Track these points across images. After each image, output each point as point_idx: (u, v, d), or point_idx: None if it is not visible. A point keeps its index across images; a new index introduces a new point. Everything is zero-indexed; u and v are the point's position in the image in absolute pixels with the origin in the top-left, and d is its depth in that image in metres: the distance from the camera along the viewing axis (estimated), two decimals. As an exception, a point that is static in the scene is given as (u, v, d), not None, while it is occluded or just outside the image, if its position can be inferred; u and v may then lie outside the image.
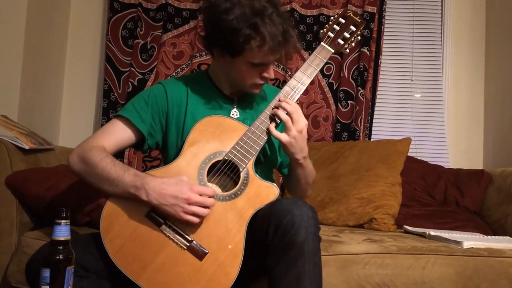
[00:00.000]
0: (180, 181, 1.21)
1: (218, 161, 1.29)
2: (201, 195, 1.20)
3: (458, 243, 1.61)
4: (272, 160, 1.48)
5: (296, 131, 1.31)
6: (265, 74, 1.36)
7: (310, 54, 2.59)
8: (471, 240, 1.63)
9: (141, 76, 2.64)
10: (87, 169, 1.27)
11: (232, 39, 1.27)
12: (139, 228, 1.21)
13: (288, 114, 1.31)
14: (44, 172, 1.85)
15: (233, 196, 1.25)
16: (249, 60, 1.32)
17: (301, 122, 1.31)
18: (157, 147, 1.46)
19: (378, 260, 1.54)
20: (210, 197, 1.21)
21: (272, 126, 1.32)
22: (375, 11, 2.66)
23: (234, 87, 1.44)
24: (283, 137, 1.31)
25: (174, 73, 2.66)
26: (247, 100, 1.48)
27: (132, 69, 2.64)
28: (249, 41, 1.27)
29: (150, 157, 2.58)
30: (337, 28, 1.42)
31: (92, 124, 2.75)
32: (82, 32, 2.78)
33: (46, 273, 1.01)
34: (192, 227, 1.21)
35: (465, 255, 1.56)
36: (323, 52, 1.39)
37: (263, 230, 1.18)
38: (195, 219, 1.19)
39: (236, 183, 1.28)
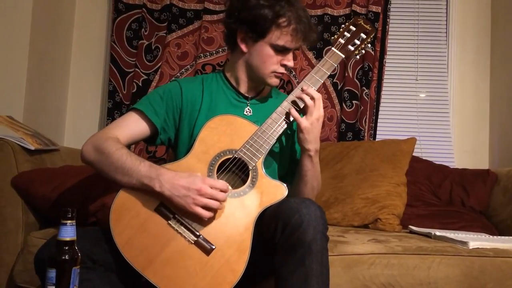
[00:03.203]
0: (193, 174, 1.23)
1: (228, 159, 1.30)
2: (213, 188, 1.21)
3: (464, 243, 1.60)
4: (282, 161, 1.48)
5: (315, 118, 1.33)
6: (286, 62, 1.40)
7: (314, 55, 2.63)
8: (477, 241, 1.62)
9: (145, 77, 2.64)
10: (101, 158, 1.29)
11: (260, 16, 1.34)
12: (147, 221, 1.22)
13: (312, 99, 1.34)
14: (50, 172, 1.86)
15: (242, 193, 1.27)
16: (273, 42, 1.37)
17: (321, 111, 1.35)
18: (169, 143, 1.48)
19: (383, 260, 1.54)
20: (221, 191, 1.22)
21: (293, 110, 1.33)
22: (379, 11, 2.65)
23: (252, 80, 1.46)
24: (303, 120, 1.33)
25: (178, 74, 2.66)
26: (261, 99, 1.50)
27: (137, 69, 2.64)
28: (277, 18, 1.34)
29: (154, 157, 2.59)
30: (348, 35, 1.45)
31: (97, 125, 2.76)
32: (87, 33, 2.79)
33: (52, 273, 1.02)
34: (200, 222, 1.22)
35: (471, 255, 1.55)
36: (334, 57, 1.42)
37: (271, 228, 1.19)
38: (206, 213, 1.20)
39: (245, 181, 1.29)
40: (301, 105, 1.35)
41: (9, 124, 1.95)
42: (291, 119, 1.35)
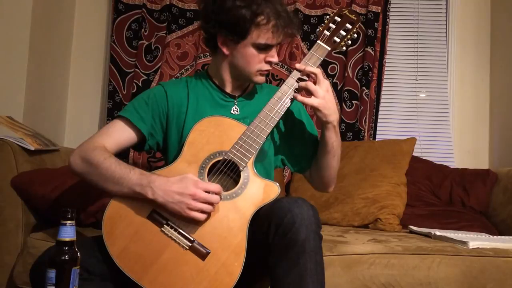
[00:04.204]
0: (184, 178, 1.21)
1: (218, 161, 1.29)
2: (206, 192, 1.20)
3: (464, 243, 1.60)
4: (273, 158, 1.48)
5: (323, 90, 1.32)
6: (270, 58, 1.38)
7: (314, 54, 2.63)
8: (477, 240, 1.62)
9: (145, 77, 2.64)
10: (90, 169, 1.28)
11: (239, 18, 1.31)
12: (141, 230, 1.22)
13: (309, 76, 1.33)
14: (50, 173, 1.86)
15: (234, 195, 1.26)
16: (255, 42, 1.34)
17: (325, 81, 1.33)
18: (158, 148, 1.46)
19: (383, 260, 1.54)
20: (215, 193, 1.21)
21: (298, 95, 1.33)
22: (379, 11, 2.65)
23: (238, 80, 1.44)
24: (314, 101, 1.31)
25: (178, 74, 2.66)
26: (248, 97, 1.49)
27: (137, 70, 2.64)
28: (255, 17, 1.31)
29: (154, 158, 2.59)
30: (333, 26, 1.42)
31: (97, 125, 2.76)
32: (87, 33, 2.79)
33: (52, 273, 1.02)
34: (193, 227, 1.22)
35: (471, 255, 1.55)
36: (320, 50, 1.39)
37: (264, 229, 1.18)
38: (200, 216, 1.20)
39: (236, 182, 1.28)
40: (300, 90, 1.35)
41: (9, 125, 1.95)
42: (281, 114, 1.33)
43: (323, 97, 1.32)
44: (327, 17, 1.47)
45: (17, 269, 1.67)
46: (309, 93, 1.33)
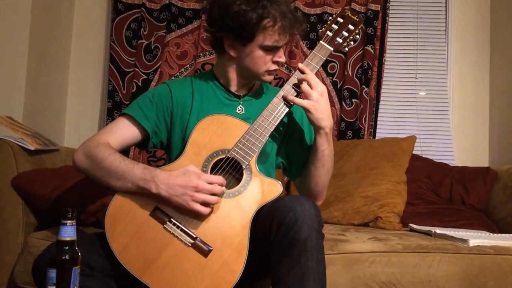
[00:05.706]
0: (187, 171, 1.22)
1: (221, 159, 1.30)
2: (209, 183, 1.21)
3: (464, 241, 1.60)
4: (274, 159, 1.48)
5: (317, 93, 1.33)
6: (277, 58, 1.39)
7: (314, 53, 2.63)
8: (477, 238, 1.62)
9: (145, 77, 2.64)
10: (94, 164, 1.28)
11: (245, 22, 1.31)
12: (143, 226, 1.22)
13: (304, 80, 1.34)
14: (50, 173, 1.86)
15: (237, 193, 1.26)
16: (262, 44, 1.35)
17: (320, 85, 1.34)
18: (162, 146, 1.47)
19: (383, 259, 1.54)
20: (219, 185, 1.22)
21: (289, 95, 1.34)
22: (378, 9, 2.65)
23: (246, 79, 1.45)
24: (305, 102, 1.32)
25: (178, 73, 2.66)
26: (253, 96, 1.49)
27: (136, 69, 2.64)
28: (261, 20, 1.31)
29: (154, 157, 2.59)
30: (336, 27, 1.43)
31: (97, 125, 2.76)
32: (86, 33, 2.79)
33: (52, 273, 1.02)
34: (196, 224, 1.22)
35: (472, 253, 1.55)
36: (322, 50, 1.40)
37: (266, 227, 1.19)
38: (204, 209, 1.20)
39: (239, 180, 1.28)
40: (297, 90, 1.36)
41: (9, 125, 1.95)
42: (283, 114, 1.34)
43: (316, 99, 1.32)
44: (330, 18, 1.48)
45: (18, 269, 1.68)
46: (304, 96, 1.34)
